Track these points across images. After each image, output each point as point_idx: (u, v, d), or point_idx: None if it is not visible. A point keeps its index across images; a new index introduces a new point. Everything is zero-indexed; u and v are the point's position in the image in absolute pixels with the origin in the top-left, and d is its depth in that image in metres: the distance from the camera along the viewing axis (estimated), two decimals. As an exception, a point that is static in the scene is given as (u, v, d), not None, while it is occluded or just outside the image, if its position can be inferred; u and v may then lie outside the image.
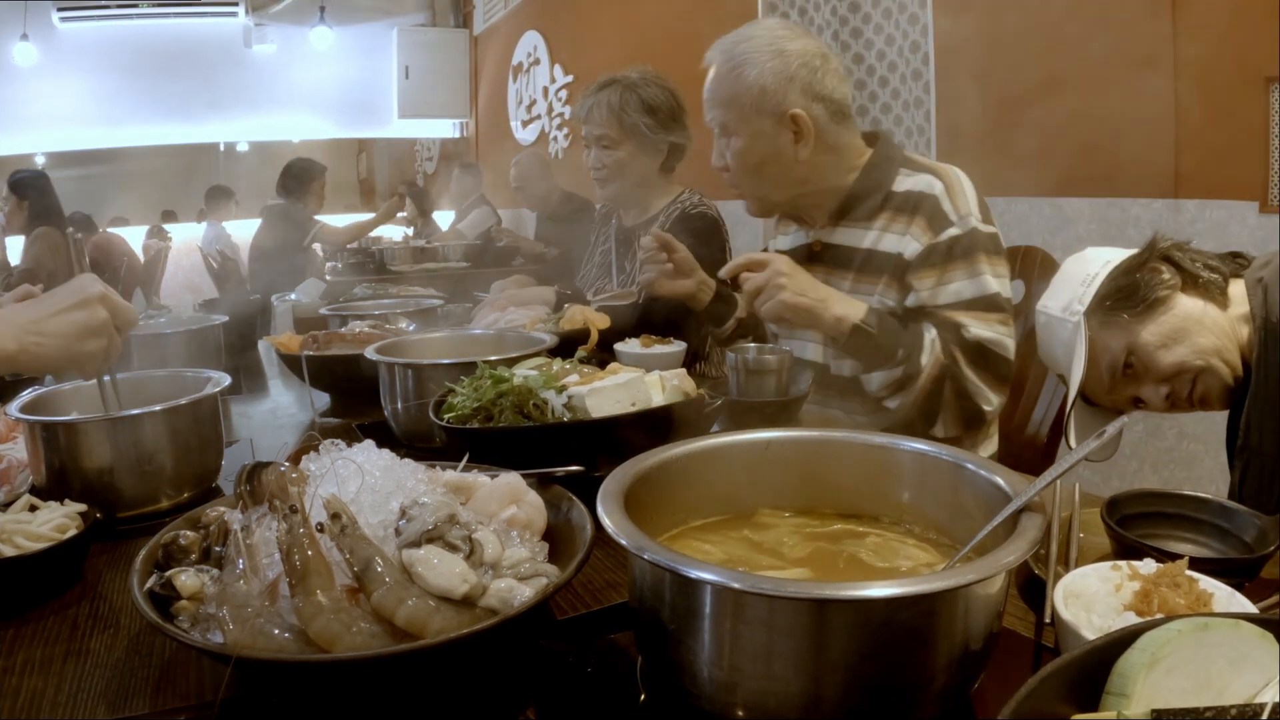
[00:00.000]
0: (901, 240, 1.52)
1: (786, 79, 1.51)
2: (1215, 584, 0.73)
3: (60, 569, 0.96)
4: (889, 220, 1.55)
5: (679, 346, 1.70)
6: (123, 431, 1.13)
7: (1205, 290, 1.29)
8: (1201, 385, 1.27)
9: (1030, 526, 0.65)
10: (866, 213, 1.58)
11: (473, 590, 0.71)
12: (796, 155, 1.55)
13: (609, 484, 0.73)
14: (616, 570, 0.95)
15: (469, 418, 1.17)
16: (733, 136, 1.59)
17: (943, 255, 1.48)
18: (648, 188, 2.29)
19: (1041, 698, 0.48)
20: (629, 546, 0.63)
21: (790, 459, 0.86)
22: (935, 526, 0.81)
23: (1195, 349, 1.26)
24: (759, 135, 1.55)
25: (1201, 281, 1.29)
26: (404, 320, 2.04)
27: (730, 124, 1.58)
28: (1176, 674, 0.49)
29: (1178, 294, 1.29)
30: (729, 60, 1.55)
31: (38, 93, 7.07)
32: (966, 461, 0.78)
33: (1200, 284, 1.29)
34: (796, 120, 1.53)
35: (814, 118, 1.53)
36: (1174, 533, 0.95)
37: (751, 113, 1.54)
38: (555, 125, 6.34)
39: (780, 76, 1.51)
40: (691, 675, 0.64)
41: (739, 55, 1.54)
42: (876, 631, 0.59)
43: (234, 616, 0.69)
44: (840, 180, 1.61)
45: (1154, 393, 1.31)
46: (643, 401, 1.16)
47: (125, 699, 0.74)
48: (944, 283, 1.49)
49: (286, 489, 0.79)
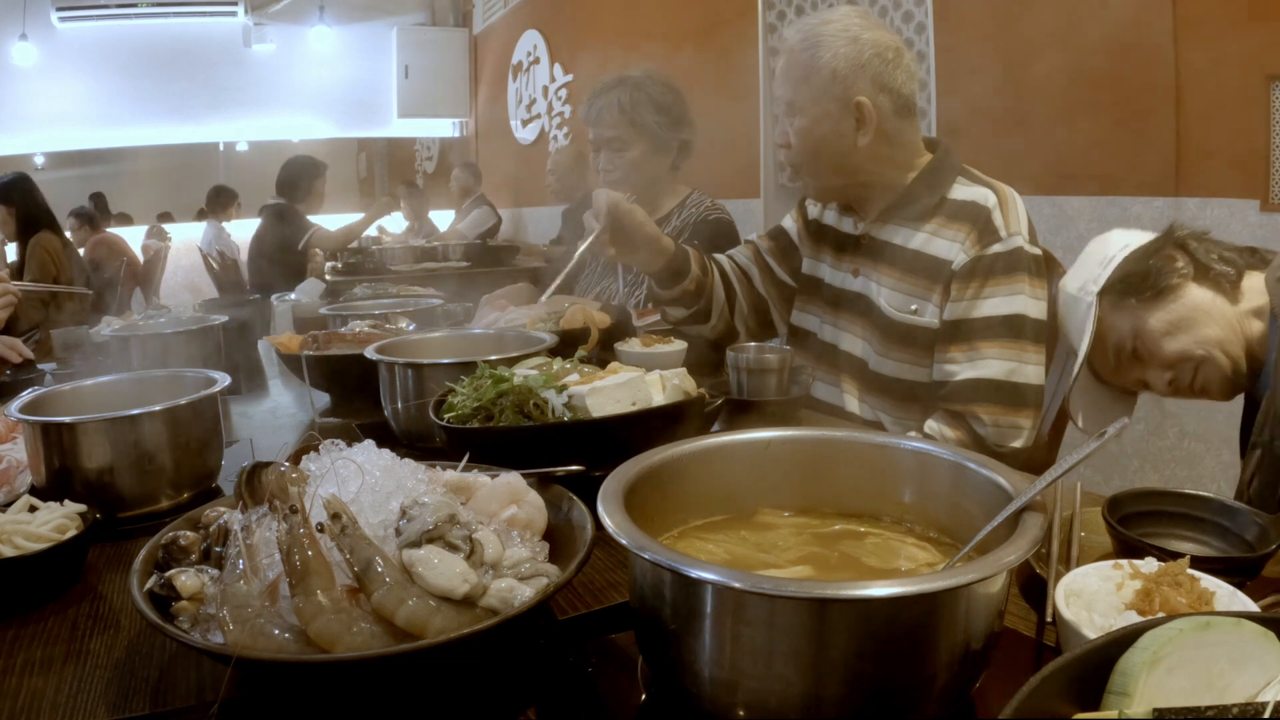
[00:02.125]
0: (950, 247, 1.53)
1: (858, 66, 1.53)
2: (1217, 583, 0.73)
3: (60, 569, 0.96)
4: (940, 225, 1.56)
5: (679, 346, 1.70)
6: (123, 431, 1.13)
7: (1216, 282, 1.30)
8: (1202, 375, 1.29)
9: (1031, 525, 0.64)
10: (919, 213, 1.58)
11: (473, 590, 0.71)
12: (856, 143, 1.56)
13: (609, 484, 0.73)
14: (616, 570, 0.95)
15: (469, 418, 1.17)
16: (797, 116, 1.60)
17: (985, 269, 1.49)
18: (656, 186, 2.30)
19: (1043, 697, 0.47)
20: (629, 546, 0.63)
21: (790, 459, 0.86)
22: (936, 526, 0.81)
23: (1198, 339, 1.27)
24: (823, 117, 1.56)
25: (1213, 273, 1.30)
26: (404, 320, 2.04)
27: (797, 102, 1.59)
28: (1178, 673, 0.49)
29: (1188, 283, 1.30)
30: (805, 40, 1.57)
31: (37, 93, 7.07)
32: (967, 461, 0.78)
33: (1212, 275, 1.30)
34: (860, 108, 1.54)
35: (878, 108, 1.54)
36: (1175, 531, 0.95)
37: (820, 94, 1.55)
38: (555, 125, 6.34)
39: (852, 63, 1.53)
40: (692, 675, 0.64)
41: (815, 37, 1.56)
42: (877, 631, 0.59)
43: (234, 616, 0.69)
44: (897, 177, 1.61)
45: (1157, 377, 1.32)
46: (643, 401, 1.16)
47: (125, 699, 0.74)
48: (982, 297, 1.49)
49: (286, 489, 0.79)
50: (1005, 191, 1.56)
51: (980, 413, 1.49)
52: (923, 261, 1.56)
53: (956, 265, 1.51)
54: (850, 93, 1.54)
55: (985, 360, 1.49)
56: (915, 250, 1.58)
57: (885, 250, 1.62)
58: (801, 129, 1.60)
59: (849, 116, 1.55)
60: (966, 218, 1.53)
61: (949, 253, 1.53)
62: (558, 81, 6.25)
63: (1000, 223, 1.51)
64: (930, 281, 1.55)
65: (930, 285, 1.55)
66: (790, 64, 1.60)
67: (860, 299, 1.68)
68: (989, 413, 1.48)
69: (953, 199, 1.57)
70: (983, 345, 1.49)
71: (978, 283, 1.50)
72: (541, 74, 6.51)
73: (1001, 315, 1.48)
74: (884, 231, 1.63)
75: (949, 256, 1.53)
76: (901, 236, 1.60)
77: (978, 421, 1.49)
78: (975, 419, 1.49)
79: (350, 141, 8.73)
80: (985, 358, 1.49)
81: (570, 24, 6.15)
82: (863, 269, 1.68)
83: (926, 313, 1.56)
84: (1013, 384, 1.48)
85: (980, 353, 1.49)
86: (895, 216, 1.62)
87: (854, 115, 1.55)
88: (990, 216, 1.51)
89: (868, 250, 1.66)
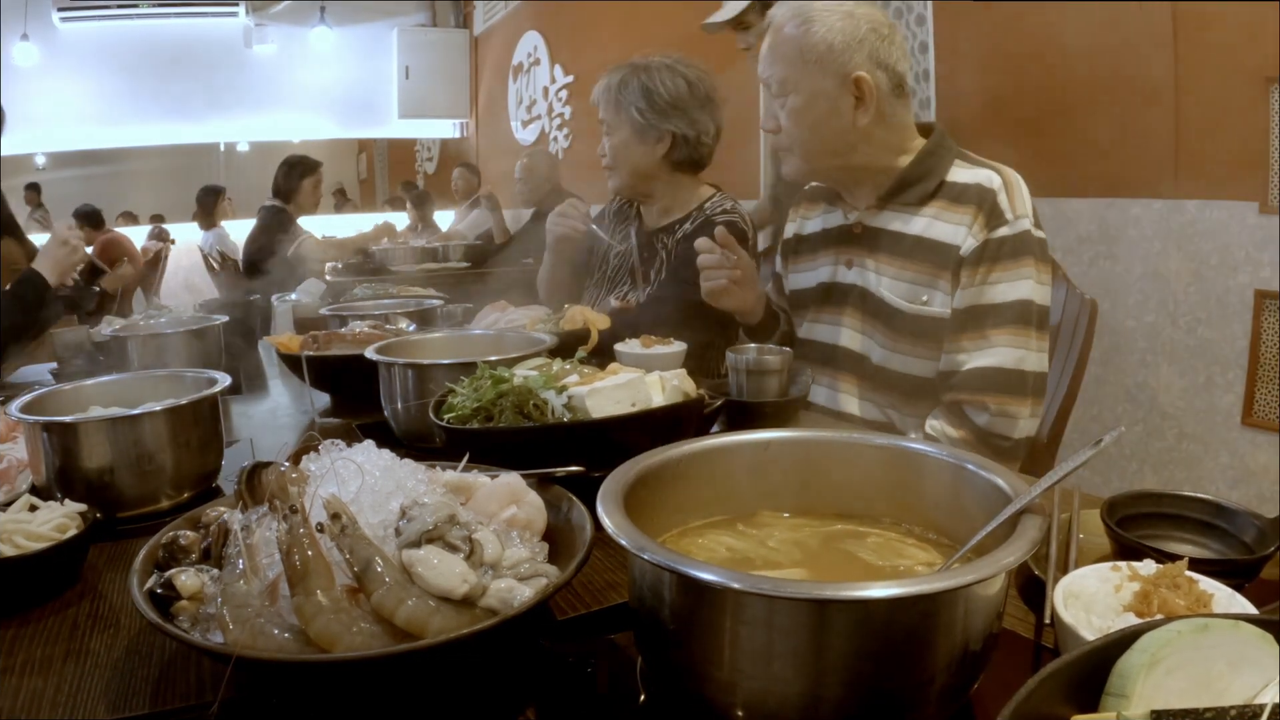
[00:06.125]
0: (956, 231, 1.49)
1: (856, 40, 1.49)
2: (1215, 585, 0.73)
3: (60, 569, 0.96)
4: (942, 209, 1.52)
5: (679, 346, 1.70)
6: (123, 431, 1.13)
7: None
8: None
9: (1030, 527, 0.65)
10: (917, 198, 1.54)
11: (473, 590, 0.71)
12: (855, 121, 1.52)
13: (609, 484, 0.73)
14: (616, 570, 0.95)
15: (469, 418, 1.17)
16: (790, 94, 1.54)
17: (993, 253, 1.46)
18: (655, 181, 2.16)
19: (1041, 698, 0.47)
20: (629, 546, 0.63)
21: (790, 459, 0.86)
22: (935, 527, 0.81)
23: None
24: (820, 94, 1.52)
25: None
26: (404, 320, 2.03)
27: (790, 80, 1.54)
28: (1176, 675, 0.49)
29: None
30: (797, 16, 1.52)
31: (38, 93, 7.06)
32: (966, 462, 0.78)
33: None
34: (860, 84, 1.49)
35: (877, 84, 1.50)
36: (1174, 534, 0.95)
37: (815, 70, 1.51)
38: (555, 125, 6.34)
39: (849, 37, 1.49)
40: (691, 675, 0.64)
41: (806, 13, 1.51)
42: (876, 632, 0.59)
43: (234, 616, 0.69)
44: (892, 160, 1.57)
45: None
46: (643, 402, 1.16)
47: (125, 699, 0.74)
48: (989, 282, 1.46)
49: (286, 489, 0.79)
50: (1009, 174, 1.52)
51: (987, 401, 1.46)
52: (925, 247, 1.52)
53: (965, 250, 1.47)
54: (848, 68, 1.49)
55: (994, 348, 1.46)
56: (916, 236, 1.53)
57: (882, 238, 1.58)
58: (795, 109, 1.54)
59: (847, 94, 1.50)
60: (971, 200, 1.49)
61: (955, 237, 1.49)
62: (558, 82, 6.25)
63: (1006, 205, 1.47)
64: (936, 268, 1.50)
65: (936, 272, 1.50)
66: (779, 41, 1.54)
67: (855, 290, 1.63)
68: (995, 400, 1.46)
69: (954, 181, 1.52)
70: (992, 333, 1.46)
71: (985, 267, 1.46)
72: (542, 75, 6.51)
73: (1009, 301, 1.45)
74: (879, 219, 1.59)
75: (955, 241, 1.48)
76: (900, 223, 1.56)
77: (982, 410, 1.47)
78: (980, 408, 1.47)
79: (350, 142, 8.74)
80: (994, 345, 1.46)
81: (570, 25, 6.15)
82: (856, 259, 1.63)
83: (937, 302, 1.51)
84: (1020, 372, 1.45)
85: (990, 340, 1.46)
86: (892, 202, 1.57)
87: (852, 92, 1.50)
88: (996, 199, 1.47)
89: (862, 239, 1.61)
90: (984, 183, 1.50)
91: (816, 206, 1.76)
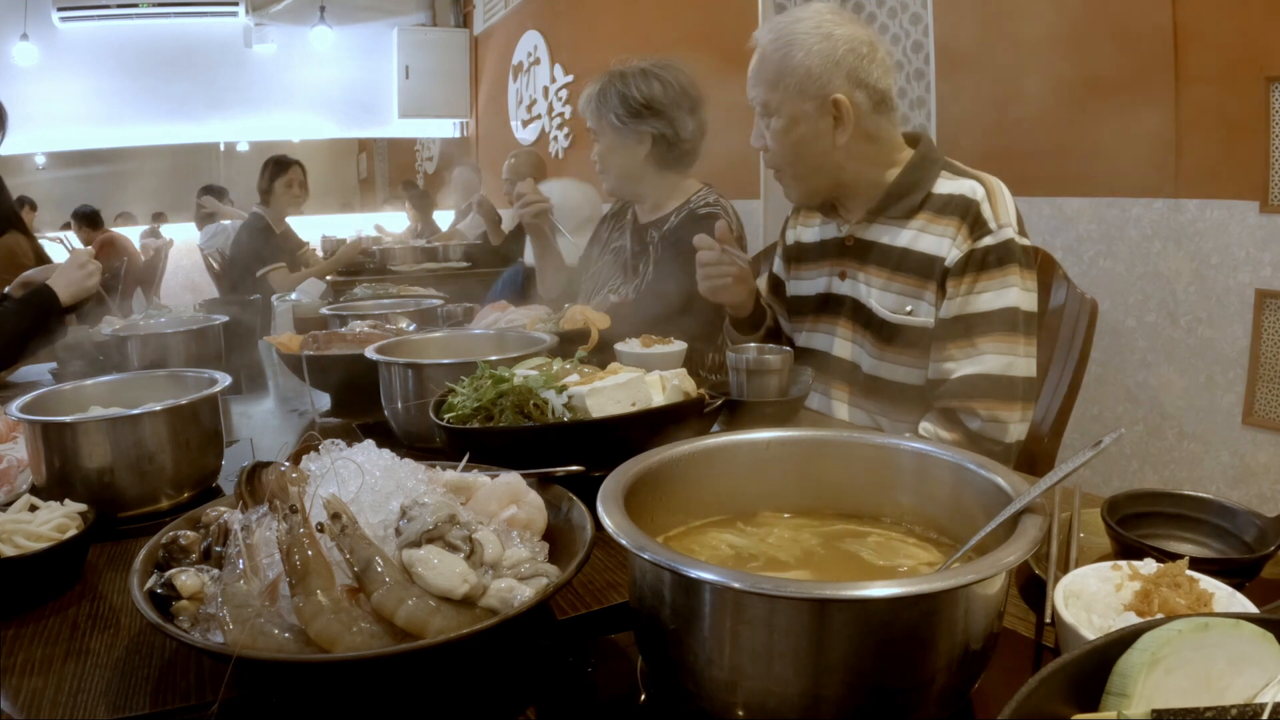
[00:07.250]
0: (940, 243, 1.52)
1: (833, 63, 1.51)
2: (1216, 584, 0.73)
3: (60, 569, 0.96)
4: (928, 221, 1.55)
5: (679, 346, 1.70)
6: (123, 431, 1.13)
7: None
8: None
9: (1030, 526, 0.65)
10: (905, 210, 1.57)
11: (473, 590, 0.71)
12: (835, 141, 1.55)
13: (609, 484, 0.73)
14: (616, 570, 0.95)
15: (469, 418, 1.17)
16: (774, 117, 1.58)
17: (978, 263, 1.48)
18: (643, 181, 2.24)
19: (1042, 698, 0.47)
20: (629, 546, 0.63)
21: (790, 459, 0.86)
22: (936, 526, 0.81)
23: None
24: (800, 117, 1.55)
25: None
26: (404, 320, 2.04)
27: (772, 103, 1.57)
28: (1177, 674, 0.49)
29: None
30: (777, 40, 1.55)
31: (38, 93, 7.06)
32: (967, 461, 0.78)
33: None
34: (838, 105, 1.52)
35: (855, 104, 1.53)
36: (1174, 533, 0.95)
37: (795, 94, 1.54)
38: (555, 125, 6.34)
39: (826, 60, 1.51)
40: (691, 675, 0.64)
41: (787, 36, 1.54)
42: (877, 631, 0.59)
43: (234, 616, 0.69)
44: (879, 174, 1.60)
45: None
46: (643, 401, 1.16)
47: (125, 699, 0.74)
48: (975, 291, 1.48)
49: (286, 489, 0.79)
50: (992, 183, 1.54)
51: (977, 408, 1.48)
52: (912, 259, 1.55)
53: (950, 261, 1.50)
54: (826, 90, 1.52)
55: (982, 356, 1.48)
56: (904, 248, 1.56)
57: (873, 250, 1.61)
58: (779, 130, 1.58)
59: (826, 115, 1.53)
60: (955, 211, 1.52)
61: (939, 249, 1.52)
62: (558, 82, 6.25)
63: (989, 215, 1.49)
64: (922, 279, 1.54)
65: (922, 283, 1.54)
66: (763, 64, 1.58)
67: (848, 301, 1.67)
68: (985, 407, 1.48)
69: (938, 193, 1.55)
70: (980, 341, 1.48)
71: (971, 277, 1.49)
72: (542, 74, 6.50)
73: (996, 309, 1.47)
74: (870, 231, 1.62)
75: (940, 253, 1.51)
76: (888, 235, 1.59)
77: (973, 416, 1.49)
78: (971, 414, 1.49)
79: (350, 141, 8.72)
80: (982, 353, 1.48)
81: (570, 25, 6.14)
82: (849, 270, 1.66)
83: (921, 312, 1.55)
84: (1009, 378, 1.47)
85: (978, 348, 1.49)
86: (880, 215, 1.60)
87: (831, 114, 1.53)
88: (979, 209, 1.50)
89: (854, 251, 1.65)
90: (967, 194, 1.52)
91: (813, 216, 1.80)
